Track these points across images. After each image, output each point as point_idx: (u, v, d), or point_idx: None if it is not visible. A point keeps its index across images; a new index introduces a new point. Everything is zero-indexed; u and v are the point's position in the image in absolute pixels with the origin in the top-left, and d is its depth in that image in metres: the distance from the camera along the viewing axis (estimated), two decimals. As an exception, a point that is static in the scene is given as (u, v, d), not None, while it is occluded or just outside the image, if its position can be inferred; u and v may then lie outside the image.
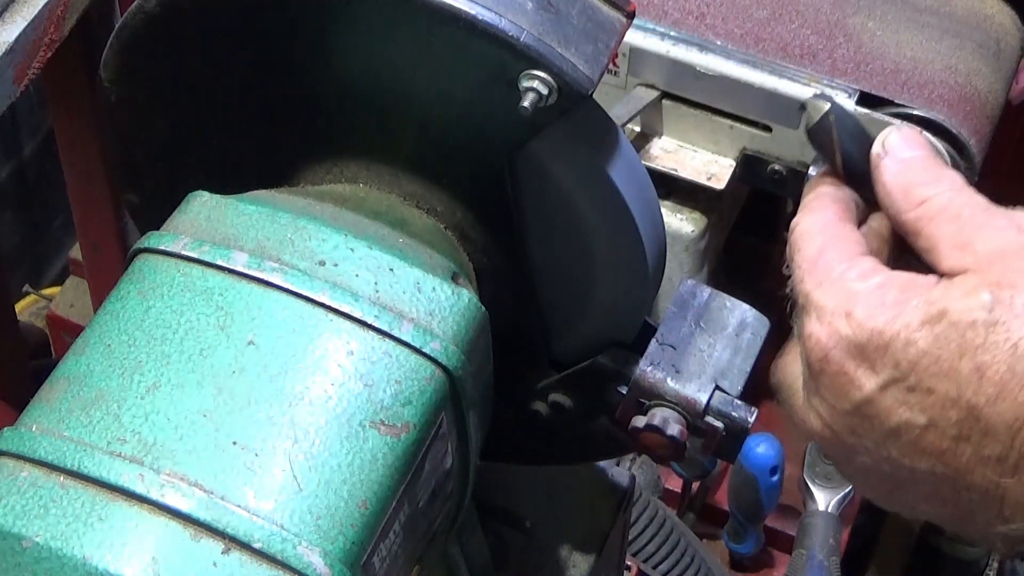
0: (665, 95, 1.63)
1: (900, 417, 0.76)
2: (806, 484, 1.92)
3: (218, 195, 0.90)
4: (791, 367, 0.84)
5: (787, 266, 0.83)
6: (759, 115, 1.61)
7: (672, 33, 1.61)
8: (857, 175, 0.83)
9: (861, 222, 0.84)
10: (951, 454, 0.76)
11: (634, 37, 1.60)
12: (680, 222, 1.69)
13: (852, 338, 0.77)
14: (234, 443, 0.79)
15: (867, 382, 0.77)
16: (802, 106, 0.81)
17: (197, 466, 0.78)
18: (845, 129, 0.82)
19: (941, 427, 0.75)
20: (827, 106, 0.82)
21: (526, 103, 0.87)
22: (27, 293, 2.25)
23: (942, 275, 0.78)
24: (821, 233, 0.80)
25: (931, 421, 0.76)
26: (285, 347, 0.82)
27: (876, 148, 0.81)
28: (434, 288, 0.87)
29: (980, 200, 0.79)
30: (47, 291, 2.25)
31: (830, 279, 0.78)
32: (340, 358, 0.82)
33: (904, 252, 0.83)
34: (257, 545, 0.76)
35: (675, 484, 1.97)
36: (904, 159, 0.80)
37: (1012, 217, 0.78)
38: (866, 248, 0.81)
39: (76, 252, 1.92)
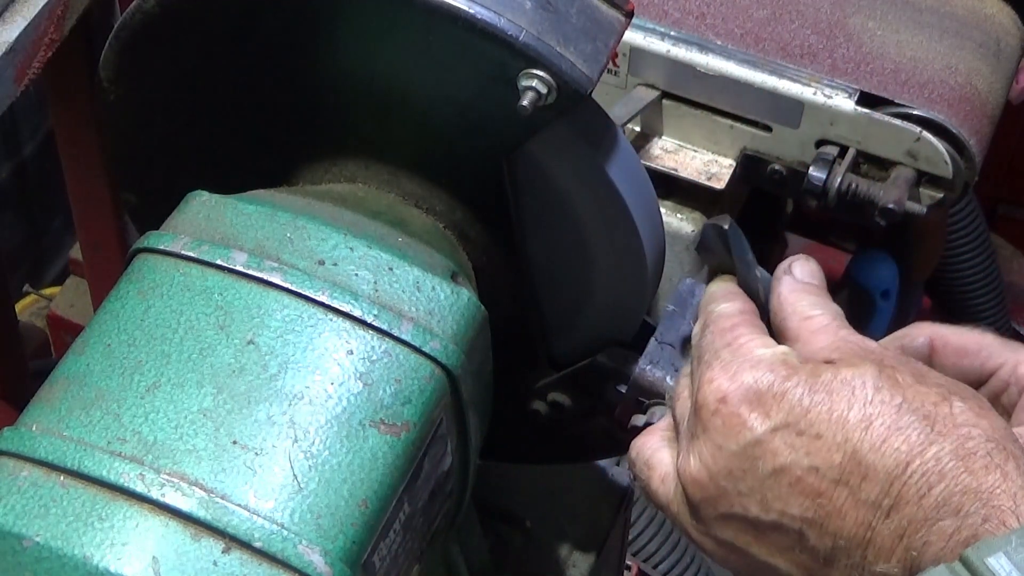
0: (665, 95, 1.63)
1: (785, 458, 0.82)
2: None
3: (217, 194, 0.90)
4: (651, 442, 0.91)
5: (696, 336, 0.91)
6: (759, 115, 1.61)
7: (672, 33, 1.61)
8: (745, 283, 0.93)
9: None
10: (827, 496, 0.82)
11: (634, 37, 1.60)
12: (680, 222, 1.69)
13: (753, 385, 0.84)
14: (234, 442, 0.79)
15: (759, 425, 0.83)
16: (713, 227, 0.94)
17: (197, 465, 0.78)
18: (739, 246, 0.93)
19: (823, 470, 0.81)
20: (725, 225, 0.92)
21: (525, 102, 0.87)
22: (27, 293, 2.24)
23: None
24: (737, 315, 0.90)
25: (814, 464, 0.82)
26: (285, 346, 0.82)
27: (783, 265, 0.92)
28: (433, 287, 0.87)
29: (855, 332, 0.89)
30: (47, 291, 2.24)
31: (738, 343, 0.87)
32: (340, 357, 0.82)
33: None
34: (257, 544, 0.76)
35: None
36: (802, 281, 0.91)
37: (880, 344, 0.89)
38: (770, 335, 0.89)
39: (76, 252, 1.92)
